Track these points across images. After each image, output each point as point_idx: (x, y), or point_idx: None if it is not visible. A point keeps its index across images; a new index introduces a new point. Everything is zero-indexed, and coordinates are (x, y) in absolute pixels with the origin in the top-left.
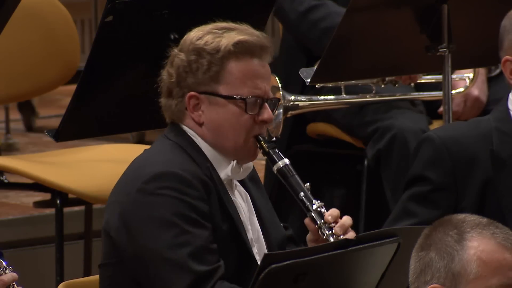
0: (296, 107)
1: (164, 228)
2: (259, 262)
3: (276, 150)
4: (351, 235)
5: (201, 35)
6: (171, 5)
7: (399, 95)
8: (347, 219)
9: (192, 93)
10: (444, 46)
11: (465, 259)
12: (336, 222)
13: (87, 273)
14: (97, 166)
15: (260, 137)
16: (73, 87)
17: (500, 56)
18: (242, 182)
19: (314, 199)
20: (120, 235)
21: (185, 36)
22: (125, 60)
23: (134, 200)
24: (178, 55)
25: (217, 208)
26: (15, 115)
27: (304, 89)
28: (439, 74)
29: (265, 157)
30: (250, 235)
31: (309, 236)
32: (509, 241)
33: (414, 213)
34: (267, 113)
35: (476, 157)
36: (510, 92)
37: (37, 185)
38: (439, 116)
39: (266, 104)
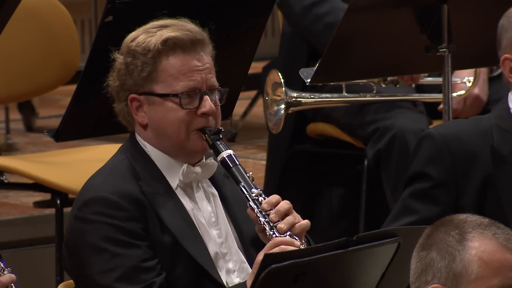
0: (298, 103)
1: (95, 255)
2: (223, 265)
3: (220, 142)
4: (289, 220)
5: (135, 36)
6: (171, 5)
7: (400, 96)
8: (284, 204)
9: (132, 95)
10: (444, 46)
11: (466, 260)
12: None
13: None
14: (97, 166)
15: (206, 130)
16: (73, 87)
17: (498, 55)
18: (212, 180)
19: (255, 188)
20: (65, 263)
21: (125, 38)
22: None
23: (70, 227)
24: (117, 58)
25: (155, 223)
26: (15, 115)
27: (304, 88)
28: (440, 75)
29: (265, 157)
30: (213, 238)
31: (256, 227)
32: (510, 242)
33: (415, 209)
34: (207, 105)
35: (477, 154)
36: (510, 91)
37: (37, 185)
38: (439, 116)
39: (206, 96)
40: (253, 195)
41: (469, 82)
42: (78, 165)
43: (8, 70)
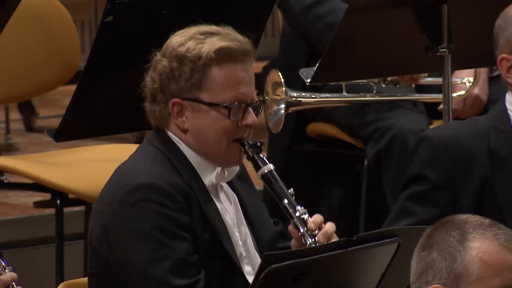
0: (298, 103)
1: (144, 242)
2: (244, 267)
3: (261, 155)
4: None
5: (183, 41)
6: (171, 5)
7: (400, 96)
8: (330, 226)
9: (175, 99)
10: (444, 46)
11: (467, 260)
12: (320, 229)
13: (87, 273)
14: (97, 166)
15: (244, 141)
16: (73, 87)
17: (495, 55)
18: (229, 182)
19: (298, 205)
20: (102, 247)
21: (168, 41)
22: (125, 60)
23: (115, 212)
24: (160, 61)
25: (198, 218)
26: (15, 115)
27: (305, 88)
28: (440, 75)
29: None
30: (236, 239)
31: (293, 243)
32: (511, 243)
33: (413, 212)
34: (251, 117)
35: (474, 155)
36: (507, 91)
37: (37, 185)
38: (439, 116)
39: (250, 109)
40: (297, 214)
41: (469, 82)
42: (78, 165)
43: (8, 70)
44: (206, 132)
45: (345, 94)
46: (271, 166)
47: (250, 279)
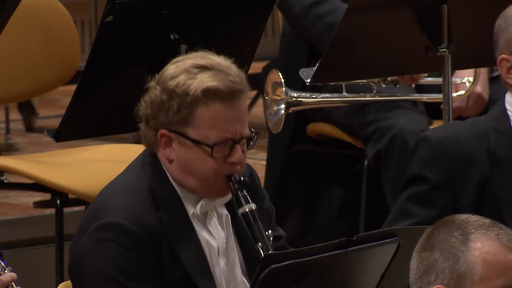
0: (299, 103)
1: (104, 282)
2: None
3: (244, 193)
4: None
5: (176, 74)
6: (171, 5)
7: (400, 96)
8: None
9: (163, 131)
10: (444, 46)
11: (470, 260)
12: None
13: None
14: (97, 166)
15: (232, 177)
16: (73, 87)
17: (495, 56)
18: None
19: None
20: (72, 277)
21: (164, 68)
22: (125, 60)
23: (84, 244)
24: (154, 89)
25: (168, 257)
26: (15, 115)
27: (304, 88)
28: (440, 75)
29: (265, 157)
30: (219, 271)
31: None
32: None
33: (413, 213)
34: (238, 155)
35: (473, 156)
36: (507, 91)
37: (37, 185)
38: (439, 116)
39: (238, 146)
40: None
41: (469, 82)
42: (78, 165)
43: (8, 70)
44: (191, 166)
45: (345, 94)
46: (252, 206)
47: None
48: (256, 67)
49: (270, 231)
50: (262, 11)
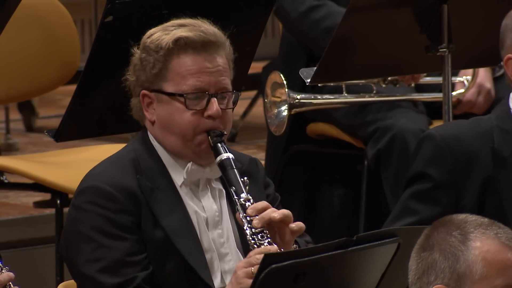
0: (301, 105)
1: (84, 243)
2: (218, 265)
3: (222, 144)
4: (264, 217)
5: (152, 33)
6: (171, 5)
7: (400, 96)
8: (269, 212)
9: (144, 91)
10: (444, 46)
11: (470, 260)
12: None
13: None
14: None
15: (211, 131)
16: (73, 87)
17: (501, 55)
18: (222, 177)
19: (246, 193)
20: (62, 249)
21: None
22: (125, 60)
23: (68, 214)
24: (135, 53)
25: (149, 219)
26: (15, 115)
27: (304, 89)
28: (440, 75)
29: (265, 159)
30: (209, 239)
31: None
32: None
33: (415, 210)
34: (213, 107)
35: (477, 155)
36: (511, 91)
37: (37, 185)
38: (439, 116)
39: (214, 99)
40: (241, 200)
41: (467, 81)
42: (78, 165)
43: (8, 70)
44: (170, 122)
45: (347, 95)
46: (229, 155)
47: (229, 277)
48: (256, 67)
49: (245, 178)
50: (262, 11)
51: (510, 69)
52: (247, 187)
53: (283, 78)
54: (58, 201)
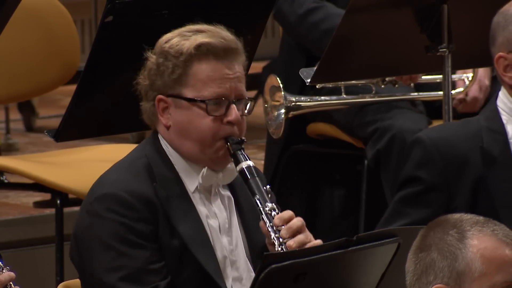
0: (298, 107)
1: (103, 251)
2: (231, 273)
3: (242, 151)
4: (299, 238)
5: (169, 38)
6: (171, 5)
7: (399, 96)
8: (296, 221)
9: (160, 96)
10: (444, 46)
11: (468, 258)
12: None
13: None
14: (97, 166)
15: (229, 138)
16: (73, 87)
17: (492, 52)
18: (232, 187)
19: (270, 202)
20: (74, 256)
21: (160, 38)
22: (125, 60)
23: (82, 220)
24: (150, 58)
25: (165, 226)
26: (15, 115)
27: (303, 90)
28: (439, 74)
29: (264, 159)
30: (221, 246)
31: (266, 240)
32: (509, 238)
33: (406, 213)
34: (234, 114)
35: (467, 156)
36: (499, 90)
37: (37, 185)
38: (439, 116)
39: (234, 105)
40: (267, 209)
41: (468, 79)
42: (78, 165)
43: (8, 70)
44: (188, 128)
45: (344, 96)
46: (250, 163)
47: (239, 285)
48: (256, 67)
49: (268, 186)
50: (262, 11)
51: (501, 68)
52: (269, 195)
53: (280, 81)
54: (58, 201)
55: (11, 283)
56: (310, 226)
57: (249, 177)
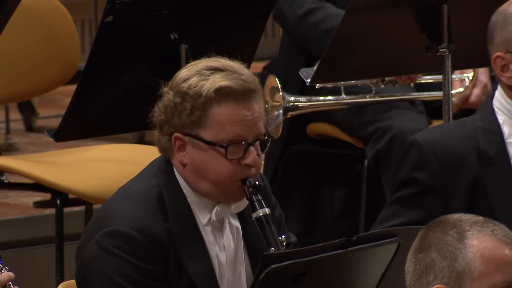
0: (296, 107)
1: (108, 287)
2: None
3: (259, 197)
4: None
5: (188, 76)
6: (171, 5)
7: (399, 95)
8: None
9: (177, 134)
10: (444, 46)
11: (468, 258)
12: None
13: None
14: (97, 166)
15: (246, 180)
16: (73, 87)
17: (489, 52)
18: (239, 213)
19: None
20: (80, 281)
21: (176, 73)
22: (125, 60)
23: (91, 250)
24: (167, 94)
25: (174, 266)
26: (15, 115)
27: (303, 90)
28: (439, 74)
29: (264, 159)
30: (225, 278)
31: None
32: (509, 237)
33: (402, 214)
34: (252, 156)
35: (463, 157)
36: (496, 90)
37: (37, 185)
38: (439, 116)
39: (252, 148)
40: None
41: (469, 79)
42: (78, 165)
43: (8, 70)
44: (205, 170)
45: (343, 96)
46: (266, 210)
47: None
48: (256, 67)
49: (283, 236)
50: (262, 11)
51: (498, 68)
52: (284, 244)
53: (278, 82)
54: (58, 201)
55: (10, 283)
56: (310, 226)
57: (265, 226)
